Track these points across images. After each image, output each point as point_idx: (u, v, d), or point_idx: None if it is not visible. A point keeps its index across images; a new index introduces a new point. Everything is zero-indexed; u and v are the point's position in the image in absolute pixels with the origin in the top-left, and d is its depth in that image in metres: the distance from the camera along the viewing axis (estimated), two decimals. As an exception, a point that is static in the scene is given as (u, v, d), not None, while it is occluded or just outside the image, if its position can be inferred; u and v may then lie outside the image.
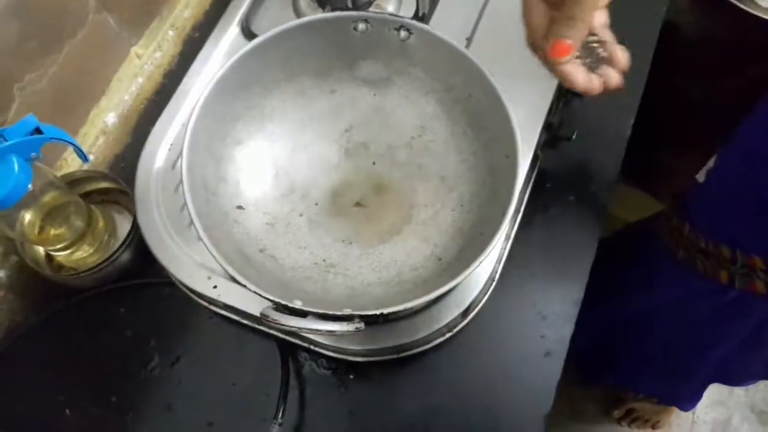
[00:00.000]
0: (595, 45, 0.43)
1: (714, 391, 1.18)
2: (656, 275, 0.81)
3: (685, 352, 0.90)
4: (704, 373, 0.98)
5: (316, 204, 0.54)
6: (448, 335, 0.54)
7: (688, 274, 0.71)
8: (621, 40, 0.44)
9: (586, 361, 1.16)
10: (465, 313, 0.52)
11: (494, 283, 0.56)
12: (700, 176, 0.72)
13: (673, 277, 0.76)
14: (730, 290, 0.67)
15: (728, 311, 0.74)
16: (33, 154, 0.46)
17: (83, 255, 0.57)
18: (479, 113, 0.51)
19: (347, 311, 0.39)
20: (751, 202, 0.63)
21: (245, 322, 0.55)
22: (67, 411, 0.55)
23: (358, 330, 0.39)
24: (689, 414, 1.25)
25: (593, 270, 0.57)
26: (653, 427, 1.22)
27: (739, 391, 1.27)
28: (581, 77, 0.41)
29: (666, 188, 1.25)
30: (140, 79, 0.66)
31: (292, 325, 0.38)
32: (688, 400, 1.10)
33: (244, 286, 0.41)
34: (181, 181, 0.45)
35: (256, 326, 0.55)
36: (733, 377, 0.99)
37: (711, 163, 0.71)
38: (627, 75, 0.44)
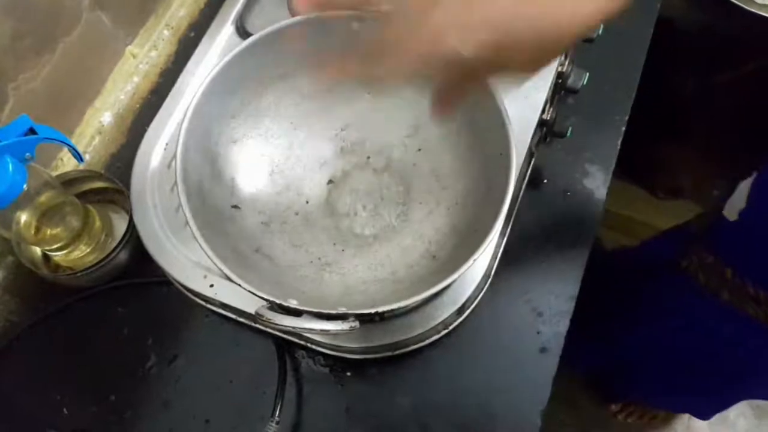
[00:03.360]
0: None
1: (711, 386, 1.18)
2: (685, 311, 0.76)
3: (713, 376, 0.87)
4: (731, 394, 0.95)
5: (310, 203, 0.54)
6: (444, 332, 0.54)
7: (727, 311, 0.67)
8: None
9: (606, 383, 1.15)
10: (460, 310, 0.53)
11: (489, 280, 0.56)
12: (731, 215, 0.66)
13: (710, 313, 0.71)
14: None
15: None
16: (27, 154, 0.46)
17: (80, 255, 0.57)
18: (473, 111, 0.51)
19: (342, 310, 0.39)
20: None
21: (242, 320, 0.55)
22: (65, 410, 0.55)
23: (352, 329, 0.39)
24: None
25: (605, 305, 0.55)
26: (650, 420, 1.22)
27: (736, 385, 1.27)
28: None
29: (662, 183, 1.25)
30: (136, 79, 0.66)
31: (286, 324, 0.39)
32: (712, 410, 1.07)
33: (239, 285, 0.41)
34: (175, 182, 0.45)
35: (253, 324, 0.55)
36: (761, 395, 0.97)
37: (743, 202, 0.65)
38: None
